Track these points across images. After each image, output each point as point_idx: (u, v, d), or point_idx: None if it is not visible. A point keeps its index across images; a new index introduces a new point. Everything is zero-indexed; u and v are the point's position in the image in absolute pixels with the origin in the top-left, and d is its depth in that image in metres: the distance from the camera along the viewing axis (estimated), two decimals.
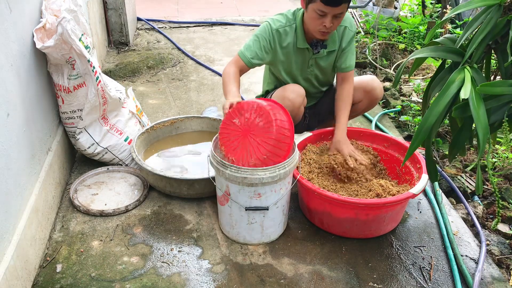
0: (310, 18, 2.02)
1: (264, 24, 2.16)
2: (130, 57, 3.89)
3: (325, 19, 1.97)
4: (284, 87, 2.20)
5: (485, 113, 1.35)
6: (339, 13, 1.96)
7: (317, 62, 2.23)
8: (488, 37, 1.43)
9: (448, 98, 1.41)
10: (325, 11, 1.94)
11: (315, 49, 2.17)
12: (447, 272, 1.89)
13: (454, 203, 2.35)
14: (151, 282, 1.80)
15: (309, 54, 2.19)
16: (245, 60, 2.13)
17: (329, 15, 1.96)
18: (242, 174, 1.79)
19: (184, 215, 2.17)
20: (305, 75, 2.28)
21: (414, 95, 3.37)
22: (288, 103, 2.12)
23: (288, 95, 2.14)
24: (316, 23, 2.00)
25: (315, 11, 1.97)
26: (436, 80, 1.60)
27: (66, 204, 2.22)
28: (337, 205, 1.93)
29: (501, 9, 1.40)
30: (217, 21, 4.98)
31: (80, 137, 2.31)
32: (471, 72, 1.42)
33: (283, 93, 2.16)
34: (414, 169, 2.14)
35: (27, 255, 1.74)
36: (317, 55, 2.19)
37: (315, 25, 2.02)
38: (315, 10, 1.96)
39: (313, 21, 2.01)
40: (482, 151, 1.36)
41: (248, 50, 2.13)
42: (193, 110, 3.14)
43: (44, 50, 2.02)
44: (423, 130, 1.45)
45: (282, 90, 2.19)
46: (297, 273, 1.86)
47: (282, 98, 2.14)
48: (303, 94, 2.18)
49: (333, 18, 1.97)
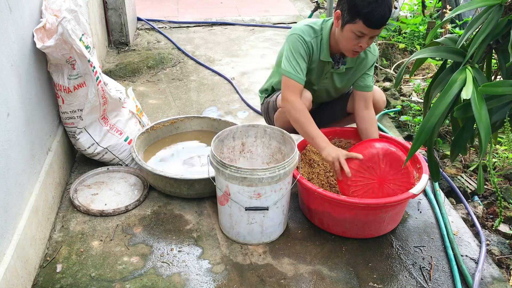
0: (346, 38, 1.95)
1: (295, 36, 2.06)
2: (130, 57, 3.89)
3: (362, 40, 1.92)
4: None
5: (487, 113, 1.35)
6: (377, 34, 1.93)
7: (332, 77, 2.21)
8: (489, 37, 1.43)
9: (449, 99, 1.41)
10: (365, 33, 1.89)
11: (336, 64, 2.16)
12: (447, 272, 1.89)
13: (454, 203, 2.35)
14: (151, 282, 1.80)
15: (329, 67, 2.16)
16: (300, 80, 2.04)
17: (367, 37, 1.91)
18: (242, 174, 1.79)
19: (184, 215, 2.17)
20: (318, 85, 2.26)
21: (414, 95, 3.37)
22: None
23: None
24: (352, 43, 1.95)
25: (353, 32, 1.91)
26: (437, 80, 1.60)
27: (66, 204, 2.22)
28: (337, 205, 1.93)
29: (502, 9, 1.41)
30: (217, 21, 4.98)
31: (80, 137, 2.31)
32: (472, 72, 1.42)
33: None
34: (414, 169, 2.14)
35: (27, 255, 1.74)
36: (336, 70, 2.17)
37: (350, 45, 1.96)
38: (353, 31, 1.90)
39: (349, 41, 1.95)
40: (483, 151, 1.36)
41: (296, 68, 2.04)
42: (193, 110, 3.14)
43: (44, 50, 2.02)
44: (424, 131, 1.45)
45: None
46: (297, 273, 1.86)
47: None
48: (310, 99, 2.16)
49: (369, 39, 1.94)
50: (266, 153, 2.21)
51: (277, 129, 2.13)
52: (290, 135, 2.07)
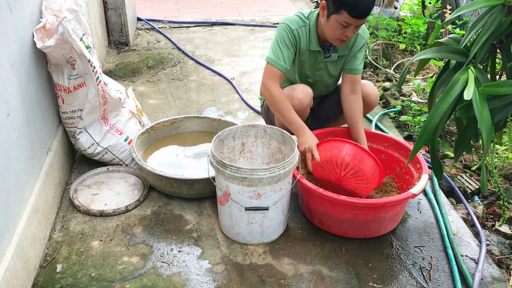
0: (331, 28, 1.99)
1: (282, 26, 2.11)
2: (130, 57, 3.89)
3: (348, 30, 1.96)
4: (292, 86, 2.20)
5: (489, 113, 1.35)
6: (361, 23, 1.97)
7: (326, 66, 2.24)
8: (492, 37, 1.43)
9: (451, 99, 1.41)
10: (350, 23, 1.93)
11: (327, 53, 2.18)
12: (447, 272, 1.89)
13: (454, 203, 2.35)
14: (151, 282, 1.80)
15: (321, 57, 2.19)
16: (281, 68, 2.08)
17: (352, 26, 1.95)
18: (242, 174, 1.79)
19: (184, 215, 2.17)
20: (313, 78, 2.28)
21: (414, 95, 3.37)
22: (296, 102, 2.13)
23: (297, 94, 2.15)
24: (337, 33, 1.99)
25: (339, 23, 1.95)
26: (441, 80, 1.61)
27: (66, 204, 2.22)
28: (337, 205, 1.93)
29: (505, 9, 1.40)
30: (217, 21, 4.98)
31: (80, 137, 2.31)
32: (474, 73, 1.42)
33: (292, 93, 2.16)
34: (414, 169, 2.14)
35: (27, 255, 1.74)
36: (328, 59, 2.20)
37: (336, 35, 2.00)
38: (339, 21, 1.94)
39: (335, 31, 1.99)
40: (486, 150, 1.36)
41: (279, 56, 2.08)
42: (193, 110, 3.14)
43: (45, 50, 2.02)
44: (427, 130, 1.46)
45: (291, 90, 2.18)
46: (297, 273, 1.86)
47: (290, 98, 2.14)
48: (311, 95, 2.19)
49: (354, 28, 1.97)
50: (266, 153, 2.21)
51: (277, 129, 2.13)
52: (290, 135, 2.07)
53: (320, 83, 2.32)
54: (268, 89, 2.10)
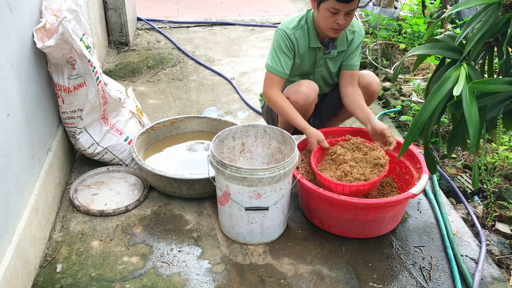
0: (323, 17, 2.05)
1: (279, 32, 2.16)
2: (130, 57, 3.89)
3: (338, 17, 2.00)
4: (299, 82, 2.23)
5: (477, 110, 1.35)
6: (351, 9, 2.00)
7: (326, 63, 2.27)
8: (486, 35, 1.43)
9: (442, 95, 1.42)
10: (338, 8, 1.97)
11: (327, 49, 2.21)
12: (447, 272, 1.89)
13: (454, 203, 2.35)
14: (151, 282, 1.80)
15: (320, 53, 2.22)
16: (280, 74, 2.16)
17: (341, 12, 1.99)
18: (242, 174, 1.79)
19: (184, 215, 2.17)
20: (314, 75, 2.31)
21: (414, 95, 3.37)
22: (302, 97, 2.16)
23: (303, 89, 2.17)
24: (329, 21, 2.03)
25: (328, 10, 2.00)
26: (435, 76, 1.62)
27: (66, 204, 2.22)
28: (337, 205, 1.93)
29: (500, 7, 1.41)
30: (217, 21, 4.98)
31: (80, 137, 2.31)
32: (467, 70, 1.42)
33: (298, 88, 2.18)
34: (414, 169, 2.14)
35: (27, 255, 1.74)
36: (328, 55, 2.23)
37: (329, 24, 2.04)
38: (327, 8, 1.99)
39: (326, 19, 2.03)
40: (473, 146, 1.37)
41: (277, 63, 2.15)
42: (193, 110, 3.14)
43: (45, 50, 2.02)
44: (417, 125, 1.47)
45: (297, 85, 2.21)
46: (297, 273, 1.86)
47: (296, 92, 2.16)
48: (317, 90, 2.22)
49: (345, 15, 2.01)
50: (266, 153, 2.21)
51: (277, 129, 2.13)
52: (290, 135, 2.07)
53: (320, 81, 2.33)
54: (269, 96, 2.19)
